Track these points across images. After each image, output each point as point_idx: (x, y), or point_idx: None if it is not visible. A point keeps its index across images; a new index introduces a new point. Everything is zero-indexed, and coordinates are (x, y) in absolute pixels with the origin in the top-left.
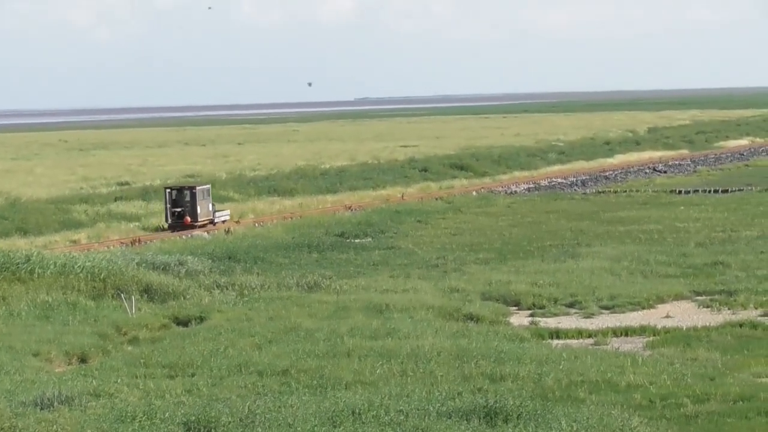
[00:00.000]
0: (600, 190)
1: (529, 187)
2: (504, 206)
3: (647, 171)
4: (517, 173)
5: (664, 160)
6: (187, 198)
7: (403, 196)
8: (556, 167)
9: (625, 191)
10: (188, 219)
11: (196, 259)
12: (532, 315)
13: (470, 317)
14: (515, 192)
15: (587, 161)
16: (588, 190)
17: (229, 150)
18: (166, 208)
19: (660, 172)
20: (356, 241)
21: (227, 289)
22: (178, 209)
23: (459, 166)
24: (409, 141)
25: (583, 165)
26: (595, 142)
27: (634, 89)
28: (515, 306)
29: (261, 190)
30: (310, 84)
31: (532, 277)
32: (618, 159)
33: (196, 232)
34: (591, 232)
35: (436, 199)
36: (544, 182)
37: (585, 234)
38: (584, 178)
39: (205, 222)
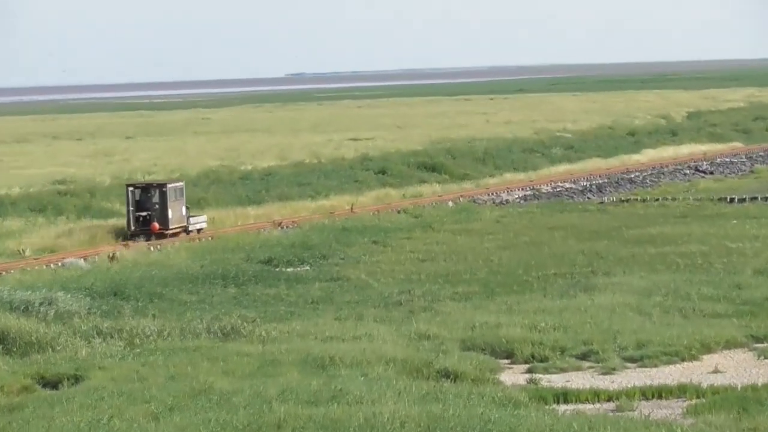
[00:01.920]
0: (622, 198)
1: (525, 195)
2: (491, 221)
3: (687, 172)
4: (509, 176)
5: (710, 156)
6: (156, 199)
7: (352, 208)
8: (563, 167)
9: (657, 199)
10: (156, 225)
11: (69, 296)
12: (530, 371)
13: (446, 374)
14: (507, 201)
15: (604, 159)
16: (606, 199)
17: (114, 146)
18: (128, 211)
19: (704, 172)
20: (289, 270)
21: (112, 337)
22: (144, 213)
23: (430, 166)
24: (360, 132)
25: (598, 164)
26: (615, 132)
27: (668, 60)
28: (507, 358)
29: None
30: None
31: (530, 318)
32: (646, 155)
33: (69, 260)
34: (611, 255)
35: (399, 211)
36: (545, 188)
37: (602, 258)
38: (601, 181)
39: (178, 229)
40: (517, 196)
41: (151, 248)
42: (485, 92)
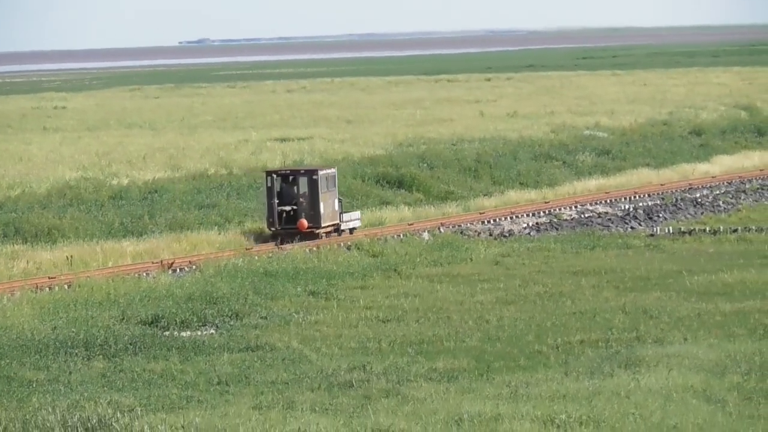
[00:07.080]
0: (683, 228)
1: (538, 224)
2: (487, 262)
3: None
4: (513, 194)
5: None
6: (304, 189)
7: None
8: (594, 182)
9: (735, 230)
10: (305, 222)
11: None
12: None
13: None
14: (510, 233)
15: (656, 169)
16: (658, 229)
17: None
18: (268, 205)
19: None
20: (184, 334)
21: None
22: (288, 208)
23: (395, 180)
24: (291, 129)
25: (647, 177)
26: (673, 130)
27: (755, 23)
28: None
29: None
30: None
31: (545, 408)
32: (719, 165)
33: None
34: (665, 314)
35: (349, 247)
36: (568, 212)
37: (653, 319)
38: (651, 203)
39: (329, 228)
40: (525, 225)
41: None
42: (479, 69)
